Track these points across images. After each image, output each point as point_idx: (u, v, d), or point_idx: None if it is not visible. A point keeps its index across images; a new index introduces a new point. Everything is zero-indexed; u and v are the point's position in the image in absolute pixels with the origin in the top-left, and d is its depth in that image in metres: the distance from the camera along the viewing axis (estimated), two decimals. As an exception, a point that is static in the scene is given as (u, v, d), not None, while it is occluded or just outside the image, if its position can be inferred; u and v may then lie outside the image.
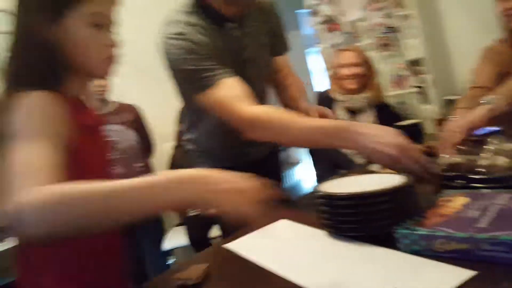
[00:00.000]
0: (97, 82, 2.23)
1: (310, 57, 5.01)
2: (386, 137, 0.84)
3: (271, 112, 1.01)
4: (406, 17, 2.50)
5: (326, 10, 2.99)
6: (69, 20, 0.69)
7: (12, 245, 0.72)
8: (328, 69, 3.01)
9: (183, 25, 1.05)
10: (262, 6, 1.22)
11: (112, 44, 0.74)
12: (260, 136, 1.02)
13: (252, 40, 1.18)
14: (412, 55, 2.52)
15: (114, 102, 2.40)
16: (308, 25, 3.21)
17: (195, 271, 0.72)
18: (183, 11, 1.08)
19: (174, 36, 1.03)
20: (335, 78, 2.24)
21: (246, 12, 1.16)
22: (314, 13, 3.09)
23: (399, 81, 2.67)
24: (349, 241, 0.72)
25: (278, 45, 1.31)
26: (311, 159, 2.33)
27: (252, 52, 1.18)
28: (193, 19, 1.07)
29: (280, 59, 1.33)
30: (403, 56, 2.59)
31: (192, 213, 2.31)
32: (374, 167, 1.15)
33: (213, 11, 1.09)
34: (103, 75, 0.77)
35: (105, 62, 0.74)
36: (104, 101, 2.33)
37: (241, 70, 1.08)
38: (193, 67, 1.02)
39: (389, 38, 2.64)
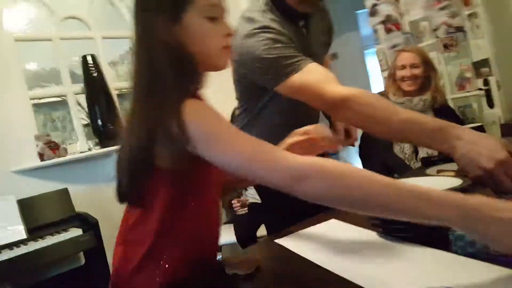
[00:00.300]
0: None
1: (369, 58, 4.90)
2: (486, 148, 0.77)
3: (369, 95, 1.00)
4: (472, 16, 2.37)
5: (386, 9, 2.91)
6: (187, 16, 0.70)
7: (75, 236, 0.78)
8: (385, 70, 2.94)
9: (266, 19, 1.09)
10: (320, 7, 1.27)
11: (229, 33, 0.75)
12: (350, 117, 1.01)
13: (315, 38, 1.23)
14: (478, 56, 2.38)
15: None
16: (368, 25, 3.14)
17: (247, 263, 0.75)
18: (258, 10, 1.12)
19: (258, 30, 1.07)
20: (393, 79, 2.18)
21: (312, 11, 1.20)
22: (374, 13, 3.02)
23: (463, 83, 2.53)
24: (400, 242, 0.71)
25: (328, 45, 1.35)
26: (362, 163, 2.28)
27: (316, 49, 1.22)
28: (270, 15, 1.11)
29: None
30: (468, 57, 2.45)
31: (240, 212, 2.36)
32: (430, 171, 1.11)
33: (288, 8, 1.14)
34: (224, 65, 0.77)
35: (224, 52, 0.75)
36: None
37: None
38: (279, 55, 1.05)
39: (453, 38, 2.51)
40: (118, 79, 3.08)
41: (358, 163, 2.34)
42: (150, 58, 0.69)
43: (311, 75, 1.04)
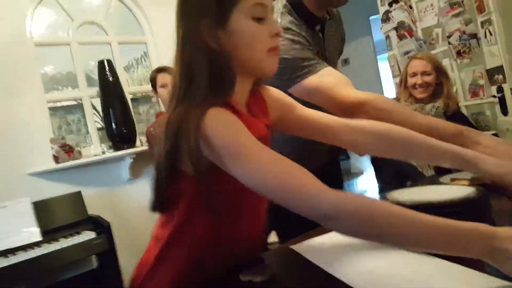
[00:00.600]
0: (168, 89, 2.40)
1: (381, 63, 4.89)
2: (506, 153, 0.76)
3: (385, 100, 1.01)
4: (485, 23, 2.35)
5: (399, 16, 2.91)
6: (233, 19, 0.68)
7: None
8: (397, 76, 2.93)
9: (285, 21, 1.10)
10: (335, 14, 1.28)
11: (277, 33, 0.71)
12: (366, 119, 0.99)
13: (330, 44, 1.24)
14: (492, 63, 2.36)
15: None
16: (380, 31, 3.14)
17: (262, 269, 0.74)
18: (276, 12, 1.13)
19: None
20: (405, 86, 2.17)
21: (327, 17, 1.21)
22: (386, 20, 3.02)
23: (476, 90, 2.51)
24: (424, 255, 0.66)
25: (340, 53, 1.37)
26: (375, 169, 2.27)
27: (330, 55, 1.23)
28: (289, 17, 1.12)
29: None
30: (481, 64, 2.43)
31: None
32: (444, 179, 1.10)
33: (307, 12, 1.15)
34: (272, 68, 0.73)
35: (272, 54, 0.72)
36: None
37: None
38: (296, 55, 1.05)
39: (466, 45, 2.49)
40: (132, 84, 3.12)
41: (370, 169, 2.33)
42: (189, 63, 0.68)
43: (327, 78, 1.04)
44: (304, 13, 1.14)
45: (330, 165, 1.40)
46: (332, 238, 0.87)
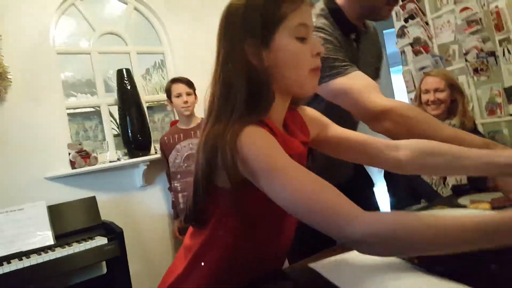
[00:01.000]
0: (183, 98, 2.44)
1: (395, 78, 4.88)
2: None
3: (413, 108, 1.00)
4: (504, 41, 2.34)
5: (415, 32, 2.91)
6: (277, 38, 0.69)
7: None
8: (411, 91, 2.92)
9: (319, 23, 1.10)
10: (372, 31, 1.29)
11: (318, 52, 0.73)
12: (391, 129, 0.98)
13: (363, 56, 1.23)
14: (510, 81, 2.34)
15: (200, 117, 2.59)
16: (395, 46, 3.14)
17: (283, 285, 0.75)
18: (313, 13, 1.14)
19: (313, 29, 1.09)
20: (419, 102, 2.17)
21: (363, 29, 1.22)
22: (402, 35, 3.02)
23: (493, 108, 2.48)
24: (438, 277, 0.64)
25: (376, 70, 1.36)
26: (388, 185, 2.24)
27: (362, 67, 1.22)
28: (324, 21, 1.12)
29: None
30: (499, 82, 2.41)
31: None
32: (462, 200, 1.09)
33: (343, 19, 1.14)
34: (312, 88, 0.74)
35: (312, 75, 0.73)
36: (190, 116, 2.53)
37: None
38: (327, 55, 1.03)
39: (484, 63, 2.48)
40: (149, 92, 3.16)
41: (381, 183, 2.31)
42: (229, 81, 0.70)
43: (357, 82, 1.02)
44: (341, 20, 1.14)
45: (357, 176, 1.39)
46: (350, 256, 0.85)
